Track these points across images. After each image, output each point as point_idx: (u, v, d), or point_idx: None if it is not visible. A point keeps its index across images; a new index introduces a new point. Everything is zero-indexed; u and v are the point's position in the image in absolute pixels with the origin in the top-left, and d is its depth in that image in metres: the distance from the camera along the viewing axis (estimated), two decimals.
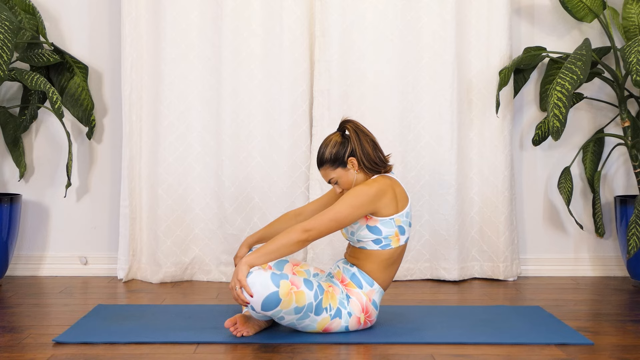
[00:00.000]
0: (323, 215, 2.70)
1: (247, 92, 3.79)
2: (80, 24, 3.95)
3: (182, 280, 3.83)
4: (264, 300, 2.56)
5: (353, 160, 2.80)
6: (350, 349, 2.62)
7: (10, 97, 3.96)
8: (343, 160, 2.80)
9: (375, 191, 2.72)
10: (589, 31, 3.97)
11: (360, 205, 2.71)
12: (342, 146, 2.81)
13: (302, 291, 2.63)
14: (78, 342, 2.66)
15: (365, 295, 2.77)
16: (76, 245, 3.98)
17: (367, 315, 2.77)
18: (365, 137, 2.82)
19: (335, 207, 2.71)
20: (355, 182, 2.82)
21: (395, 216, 2.77)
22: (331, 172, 2.82)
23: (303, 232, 2.66)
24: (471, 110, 3.86)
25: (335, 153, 2.81)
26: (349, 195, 2.72)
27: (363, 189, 2.72)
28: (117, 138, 3.95)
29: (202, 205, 3.82)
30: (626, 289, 3.66)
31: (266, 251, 2.65)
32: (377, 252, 2.78)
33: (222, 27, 3.76)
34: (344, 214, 2.70)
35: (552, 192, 4.02)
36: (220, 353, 2.56)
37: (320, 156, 2.85)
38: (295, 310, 2.62)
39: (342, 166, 2.81)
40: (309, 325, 2.69)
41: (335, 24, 3.77)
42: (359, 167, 2.81)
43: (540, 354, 2.57)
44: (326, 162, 2.82)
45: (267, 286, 2.57)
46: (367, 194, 2.71)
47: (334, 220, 2.70)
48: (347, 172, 2.81)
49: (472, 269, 3.89)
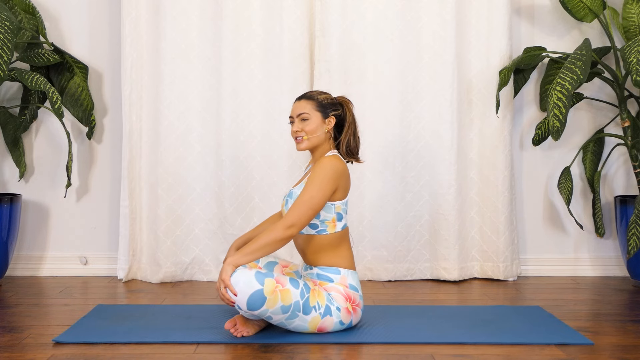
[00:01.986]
0: (299, 207, 2.70)
1: (247, 92, 3.79)
2: (80, 24, 3.96)
3: (182, 280, 3.83)
4: (249, 298, 2.56)
5: (332, 120, 2.84)
6: (350, 348, 2.62)
7: (10, 97, 3.97)
8: (327, 112, 2.84)
9: (340, 169, 2.76)
10: (589, 31, 3.97)
11: (327, 184, 2.73)
12: (334, 105, 2.87)
13: (287, 289, 2.63)
14: (78, 342, 2.66)
15: (340, 285, 2.77)
16: (76, 245, 3.98)
17: (352, 302, 2.76)
18: (356, 123, 2.90)
19: (307, 194, 2.71)
20: (317, 138, 2.83)
21: (337, 202, 2.79)
22: (309, 110, 2.84)
23: (286, 229, 2.68)
24: (471, 110, 3.86)
25: (327, 103, 2.86)
26: (316, 178, 2.73)
27: (325, 168, 2.74)
28: (117, 138, 3.95)
29: (202, 205, 3.82)
30: (626, 289, 3.66)
31: (250, 250, 2.67)
32: (316, 238, 2.79)
33: (222, 27, 3.77)
34: (318, 197, 2.72)
35: (552, 192, 4.02)
36: (220, 353, 2.56)
37: (311, 92, 2.90)
38: (282, 310, 2.62)
39: (323, 115, 2.85)
40: (300, 325, 2.69)
41: (335, 24, 3.77)
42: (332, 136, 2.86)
43: (540, 354, 2.57)
44: (313, 100, 2.86)
45: (251, 284, 2.57)
46: (334, 171, 2.74)
47: (311, 208, 2.72)
48: (320, 124, 2.84)
49: (472, 269, 3.89)
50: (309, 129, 2.83)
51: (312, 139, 2.84)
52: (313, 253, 2.81)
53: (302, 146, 2.86)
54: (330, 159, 2.78)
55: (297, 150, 2.90)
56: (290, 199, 2.83)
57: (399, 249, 3.82)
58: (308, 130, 2.83)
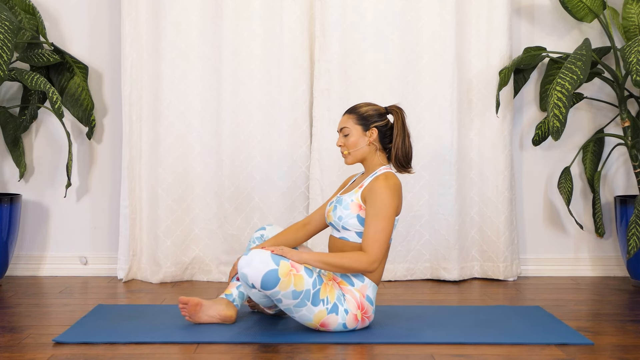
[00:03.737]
0: (377, 243, 2.70)
1: (247, 92, 3.79)
2: (80, 24, 3.96)
3: (182, 280, 3.83)
4: (264, 276, 2.56)
5: (374, 132, 2.83)
6: (350, 349, 2.62)
7: (10, 97, 3.97)
8: (368, 124, 2.83)
9: (396, 190, 2.75)
10: (589, 31, 3.97)
11: (391, 210, 2.73)
12: (379, 116, 2.85)
13: (301, 275, 2.63)
14: (78, 342, 2.66)
15: (358, 292, 2.76)
16: (76, 245, 3.98)
17: (363, 312, 2.76)
18: (408, 131, 2.87)
19: (378, 226, 2.70)
20: (360, 152, 2.83)
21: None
22: (350, 124, 2.84)
23: (371, 264, 2.70)
24: (471, 110, 3.86)
25: (370, 115, 2.85)
26: (379, 208, 2.71)
27: (388, 194, 2.72)
28: (117, 138, 3.95)
29: (202, 205, 3.82)
30: (626, 289, 3.66)
31: (324, 260, 2.69)
32: (359, 247, 2.78)
33: (222, 27, 3.77)
34: (388, 227, 2.73)
35: (552, 192, 4.02)
36: (220, 353, 2.56)
37: (355, 105, 2.91)
38: (293, 295, 2.62)
39: (363, 127, 2.84)
40: (305, 315, 2.68)
41: (335, 24, 3.77)
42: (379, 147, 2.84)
43: (540, 354, 2.57)
44: (355, 113, 2.86)
45: (266, 263, 2.58)
46: (393, 196, 2.73)
47: (387, 239, 2.74)
48: (361, 137, 2.83)
49: (472, 269, 3.89)
50: (350, 143, 2.84)
51: (355, 153, 2.84)
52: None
53: (347, 161, 2.88)
54: (382, 182, 2.75)
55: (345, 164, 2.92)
56: (339, 205, 2.81)
57: (399, 249, 3.82)
58: (349, 144, 2.84)
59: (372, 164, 2.86)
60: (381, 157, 2.86)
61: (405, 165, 2.86)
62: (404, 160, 2.84)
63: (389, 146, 2.86)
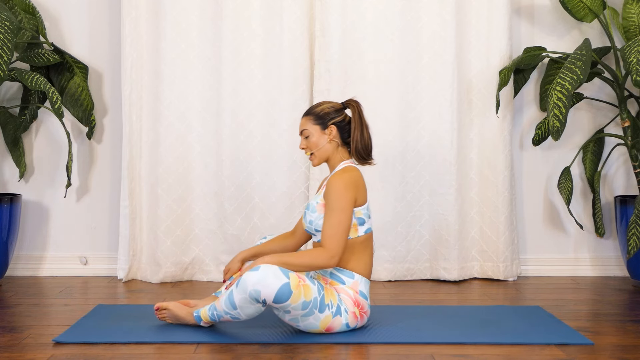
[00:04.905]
0: (335, 236, 2.69)
1: (247, 92, 3.79)
2: (80, 24, 3.96)
3: (182, 280, 3.83)
4: (278, 291, 2.55)
5: (333, 129, 2.83)
6: (350, 349, 2.62)
7: (10, 97, 3.97)
8: (326, 122, 2.83)
9: (351, 182, 2.74)
10: (589, 31, 3.97)
11: (347, 202, 2.71)
12: (336, 112, 2.86)
13: (308, 285, 2.63)
14: (78, 342, 2.67)
15: (351, 289, 2.76)
16: (76, 245, 3.98)
17: (360, 308, 2.76)
18: (366, 123, 2.86)
19: (334, 220, 2.70)
20: (323, 151, 2.83)
21: (357, 208, 2.77)
22: (309, 125, 2.85)
23: (330, 258, 2.69)
24: (471, 110, 3.86)
25: (326, 112, 2.85)
26: (334, 201, 2.71)
27: (337, 188, 2.72)
28: (117, 138, 3.95)
29: (202, 205, 3.82)
30: (626, 289, 3.66)
31: (286, 260, 2.68)
32: None
33: (222, 27, 3.77)
34: (345, 219, 2.71)
35: (552, 192, 4.01)
36: (220, 353, 2.56)
37: (311, 106, 2.91)
38: (303, 305, 2.61)
39: (321, 126, 2.84)
40: (311, 324, 2.68)
41: (335, 24, 3.77)
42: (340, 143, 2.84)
43: (540, 354, 2.57)
44: (312, 114, 2.86)
45: (279, 277, 2.56)
46: (345, 187, 2.72)
47: (345, 232, 2.72)
48: (322, 136, 2.84)
49: (472, 269, 3.88)
50: (311, 144, 2.85)
51: (319, 153, 2.85)
52: None
53: (314, 162, 2.88)
54: (336, 176, 2.76)
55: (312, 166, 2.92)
56: (307, 210, 2.83)
57: (399, 249, 3.82)
58: (311, 145, 2.85)
59: (334, 161, 2.87)
60: (342, 152, 2.87)
61: (366, 157, 2.87)
62: (364, 152, 2.85)
63: (348, 140, 2.87)
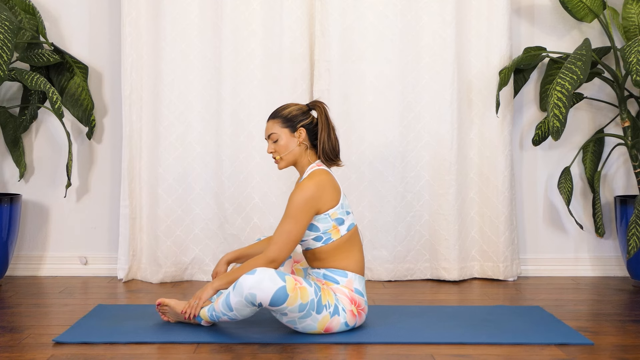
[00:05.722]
0: (279, 242, 2.70)
1: (247, 92, 3.79)
2: (80, 24, 3.96)
3: (182, 280, 3.83)
4: (274, 294, 2.55)
5: (302, 131, 2.81)
6: (350, 349, 2.62)
7: (10, 97, 3.97)
8: (295, 125, 2.82)
9: (312, 192, 2.72)
10: (589, 31, 3.97)
11: (301, 214, 2.71)
12: (303, 114, 2.84)
13: (304, 287, 2.63)
14: (78, 342, 2.66)
15: (346, 288, 2.76)
16: (76, 245, 3.98)
17: (357, 306, 2.76)
18: (332, 125, 2.86)
19: (284, 227, 2.70)
20: (291, 154, 2.82)
21: (330, 211, 2.76)
22: (277, 129, 2.82)
23: (269, 264, 2.69)
24: (471, 110, 3.86)
25: (295, 115, 2.83)
26: (290, 209, 2.71)
27: (296, 200, 2.71)
28: (117, 138, 3.95)
29: (202, 205, 3.82)
30: (626, 289, 3.66)
31: (233, 279, 2.70)
32: (324, 248, 2.77)
33: (222, 27, 3.77)
34: (295, 231, 2.71)
35: (552, 192, 4.02)
36: (220, 353, 2.56)
37: (277, 109, 2.87)
38: (300, 308, 2.61)
39: (290, 129, 2.82)
40: (309, 325, 2.68)
41: (335, 24, 3.77)
42: (309, 146, 2.83)
43: (540, 354, 2.57)
44: (279, 117, 2.83)
45: (275, 281, 2.56)
46: (306, 199, 2.70)
47: (291, 241, 2.71)
48: (291, 139, 2.82)
49: (472, 269, 3.89)
50: (280, 148, 2.82)
51: (287, 157, 2.83)
52: (323, 260, 2.80)
53: (280, 166, 2.86)
54: (303, 185, 2.74)
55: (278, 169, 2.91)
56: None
57: (399, 249, 3.82)
58: (280, 149, 2.82)
59: (302, 165, 2.86)
60: (310, 155, 2.86)
61: (334, 159, 2.86)
62: (332, 154, 2.84)
63: (315, 142, 2.86)
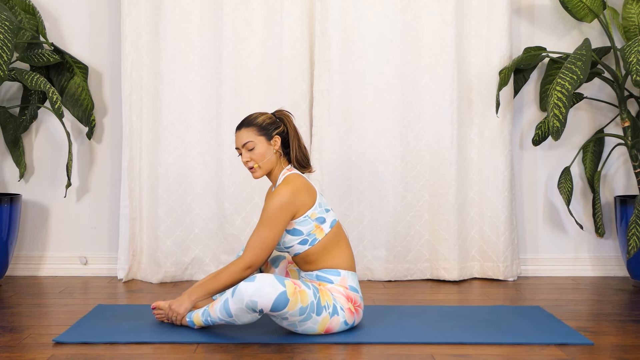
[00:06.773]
0: (255, 248, 2.71)
1: (247, 92, 3.79)
2: (80, 24, 3.96)
3: (182, 280, 3.83)
4: (275, 301, 2.55)
5: (278, 139, 2.83)
6: (350, 349, 2.62)
7: (10, 97, 3.97)
8: (270, 133, 2.82)
9: (288, 197, 2.72)
10: (589, 31, 3.97)
11: (277, 220, 2.71)
12: (274, 123, 2.85)
13: (304, 290, 2.63)
14: (78, 342, 2.66)
15: (340, 286, 2.76)
16: (76, 245, 3.98)
17: (353, 303, 2.76)
18: (299, 134, 2.89)
19: (260, 234, 2.71)
20: (268, 162, 2.82)
21: (308, 212, 2.76)
22: (253, 137, 2.81)
23: (245, 270, 2.71)
24: (471, 110, 3.86)
25: (268, 123, 2.84)
26: (265, 217, 2.72)
27: (276, 202, 2.71)
28: (117, 138, 3.95)
29: (202, 205, 3.82)
30: (626, 289, 3.66)
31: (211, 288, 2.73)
32: (312, 250, 2.77)
33: (222, 27, 3.77)
34: (270, 236, 2.71)
35: (552, 192, 4.02)
36: (220, 353, 2.56)
37: (248, 118, 2.86)
38: (300, 311, 2.62)
39: (266, 137, 2.82)
40: (310, 327, 2.68)
41: (335, 24, 3.77)
42: (282, 153, 2.85)
43: (540, 354, 2.57)
44: (254, 126, 2.82)
45: (276, 287, 2.56)
46: (282, 204, 2.71)
47: (267, 247, 2.72)
48: (267, 148, 2.82)
49: (472, 269, 3.89)
50: (257, 156, 2.82)
51: (265, 165, 2.83)
52: (314, 262, 2.80)
53: (257, 175, 2.85)
54: (278, 191, 2.74)
55: (254, 179, 2.91)
56: None
57: (399, 249, 3.82)
58: (257, 157, 2.82)
59: (276, 172, 2.86)
60: (283, 162, 2.87)
61: (306, 166, 2.89)
62: (304, 161, 2.88)
63: (286, 151, 2.87)
